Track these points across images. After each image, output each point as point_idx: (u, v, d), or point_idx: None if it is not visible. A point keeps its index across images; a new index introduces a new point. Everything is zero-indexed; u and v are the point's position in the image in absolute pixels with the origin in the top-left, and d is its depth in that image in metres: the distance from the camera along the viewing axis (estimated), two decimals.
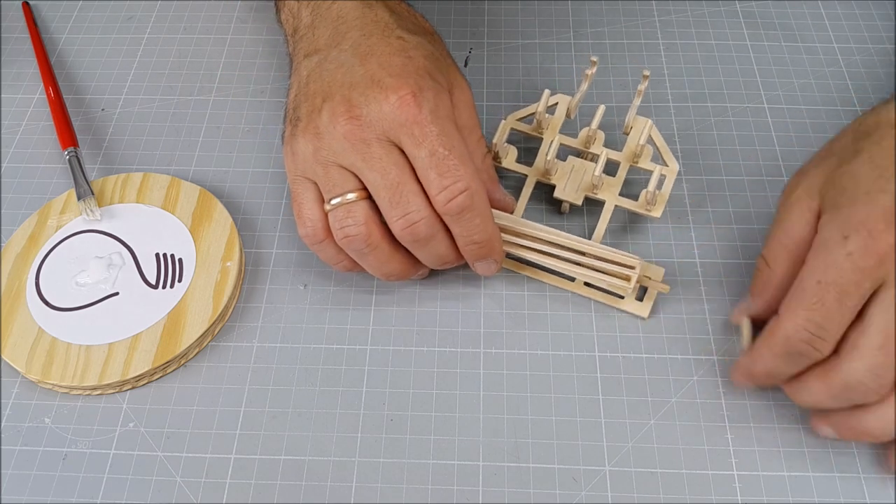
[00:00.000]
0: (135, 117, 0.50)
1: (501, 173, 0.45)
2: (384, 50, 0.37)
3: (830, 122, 0.48)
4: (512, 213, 0.42)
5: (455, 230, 0.37)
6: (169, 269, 0.42)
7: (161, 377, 0.40)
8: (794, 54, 0.52)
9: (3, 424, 0.38)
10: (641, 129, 0.42)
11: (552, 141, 0.42)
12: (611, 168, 0.42)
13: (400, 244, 0.38)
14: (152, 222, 0.44)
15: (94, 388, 0.39)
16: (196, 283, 0.41)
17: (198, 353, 0.40)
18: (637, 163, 0.42)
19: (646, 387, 0.38)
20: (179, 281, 0.41)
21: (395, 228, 0.36)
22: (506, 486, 0.36)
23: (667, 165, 0.42)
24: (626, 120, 0.43)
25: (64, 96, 0.50)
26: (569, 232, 0.41)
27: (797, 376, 0.34)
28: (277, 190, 0.46)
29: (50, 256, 0.43)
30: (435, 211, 0.36)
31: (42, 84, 0.51)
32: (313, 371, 0.39)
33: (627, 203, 0.42)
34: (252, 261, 0.43)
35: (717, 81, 0.50)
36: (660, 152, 0.42)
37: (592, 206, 0.43)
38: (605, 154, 0.41)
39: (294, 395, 0.39)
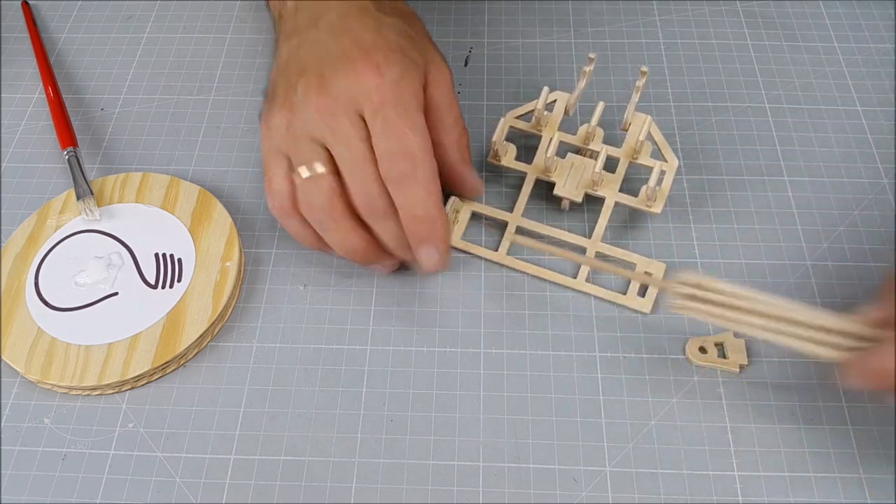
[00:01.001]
0: (134, 117, 0.50)
1: (501, 171, 0.45)
2: (358, 27, 0.38)
3: (831, 122, 0.48)
4: (481, 195, 0.44)
5: (398, 201, 0.37)
6: (168, 269, 0.42)
7: (160, 377, 0.39)
8: (795, 53, 0.51)
9: (2, 424, 0.38)
10: (641, 126, 0.42)
11: (551, 138, 0.42)
12: (610, 165, 0.42)
13: (364, 222, 0.38)
14: (152, 222, 0.44)
15: (94, 389, 0.39)
16: (195, 284, 0.41)
17: (197, 353, 0.40)
18: (636, 159, 0.42)
19: (646, 387, 0.38)
20: (179, 281, 0.41)
21: (355, 202, 0.37)
22: (506, 487, 0.36)
23: (666, 161, 0.42)
24: (625, 116, 0.43)
25: (63, 96, 0.50)
26: (569, 230, 0.41)
27: None
28: None
29: (49, 256, 0.42)
30: None
31: (41, 84, 0.51)
32: (313, 371, 0.39)
33: (627, 199, 0.42)
34: (252, 261, 0.43)
35: (718, 81, 0.50)
36: (659, 148, 0.42)
37: (592, 203, 0.43)
38: (604, 151, 0.41)
39: (294, 395, 0.39)
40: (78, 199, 0.44)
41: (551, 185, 0.43)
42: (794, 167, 0.46)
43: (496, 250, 0.42)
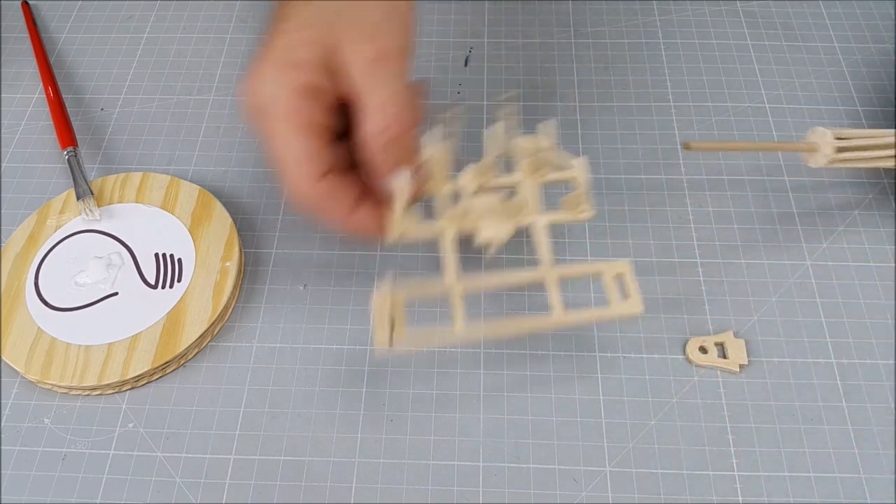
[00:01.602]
0: (134, 117, 0.50)
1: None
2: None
3: (831, 122, 0.48)
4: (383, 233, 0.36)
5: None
6: (168, 269, 0.42)
7: (160, 377, 0.39)
8: (795, 53, 0.51)
9: (2, 424, 0.38)
10: (532, 142, 0.38)
11: (445, 191, 0.37)
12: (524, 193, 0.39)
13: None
14: (152, 222, 0.44)
15: (94, 389, 0.39)
16: (195, 284, 0.41)
17: (197, 353, 0.40)
18: (544, 176, 0.39)
19: (646, 387, 0.38)
20: (179, 281, 0.41)
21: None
22: (506, 487, 0.36)
23: (573, 166, 0.38)
24: (514, 144, 0.38)
25: (63, 96, 0.50)
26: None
27: None
28: (277, 190, 0.46)
29: (49, 256, 0.42)
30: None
31: (41, 83, 0.51)
32: (313, 371, 0.39)
33: (557, 216, 0.38)
34: (252, 261, 0.43)
35: (718, 81, 0.50)
36: (548, 152, 0.38)
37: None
38: (508, 178, 0.38)
39: (294, 395, 0.39)
40: (78, 199, 0.44)
41: (471, 237, 0.38)
42: (795, 167, 0.46)
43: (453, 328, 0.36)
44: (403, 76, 0.33)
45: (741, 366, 0.39)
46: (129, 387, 0.39)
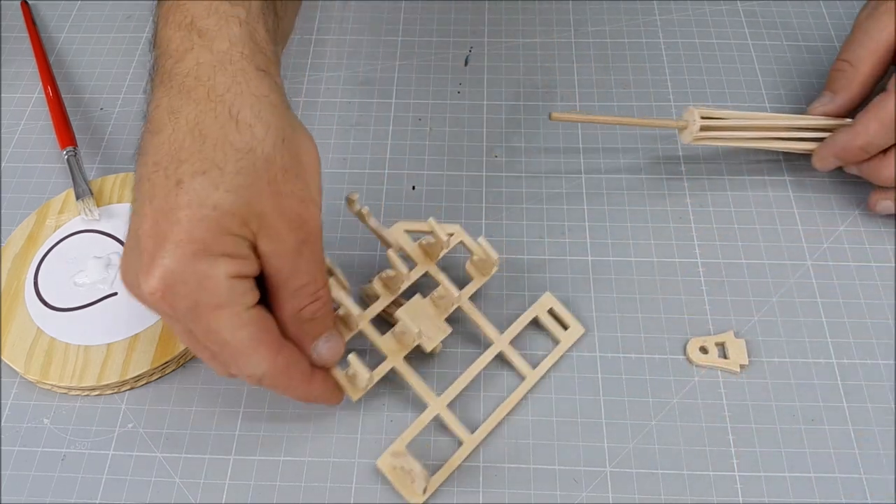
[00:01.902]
0: (134, 116, 0.50)
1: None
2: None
3: None
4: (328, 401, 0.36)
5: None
6: None
7: (160, 377, 0.39)
8: (796, 53, 0.51)
9: (2, 425, 0.38)
10: (393, 238, 0.39)
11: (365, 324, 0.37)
12: (427, 283, 0.39)
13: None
14: None
15: (93, 389, 0.39)
16: None
17: None
18: (438, 256, 0.39)
19: (647, 387, 0.38)
20: None
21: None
22: (506, 487, 0.36)
23: (451, 234, 0.39)
24: (387, 238, 0.39)
25: (62, 95, 0.50)
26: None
27: (881, 154, 0.40)
28: None
29: (48, 256, 0.42)
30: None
31: (41, 83, 0.51)
32: None
33: (474, 286, 0.39)
34: None
35: (719, 80, 0.50)
36: (436, 234, 0.38)
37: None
38: (413, 278, 0.38)
39: None
40: (77, 198, 0.44)
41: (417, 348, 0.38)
42: (795, 167, 0.46)
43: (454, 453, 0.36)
44: (322, 258, 0.34)
45: (742, 366, 0.39)
46: (129, 387, 0.39)
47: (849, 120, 0.42)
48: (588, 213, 0.44)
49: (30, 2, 0.57)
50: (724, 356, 0.39)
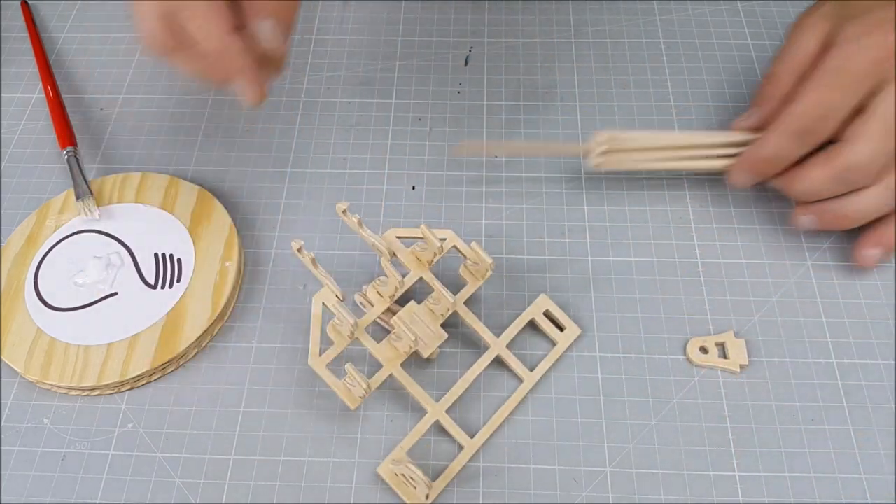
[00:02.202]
0: (134, 117, 0.50)
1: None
2: None
3: None
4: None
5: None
6: (168, 270, 0.42)
7: (160, 378, 0.39)
8: None
9: (2, 425, 0.38)
10: (386, 245, 0.38)
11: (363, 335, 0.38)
12: (422, 289, 0.39)
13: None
14: (151, 222, 0.44)
15: (93, 389, 0.39)
16: (195, 284, 0.41)
17: (197, 353, 0.40)
18: (431, 263, 0.39)
19: (647, 387, 0.38)
20: (178, 281, 0.41)
21: None
22: (506, 487, 0.36)
23: (444, 239, 0.39)
24: (379, 246, 0.38)
25: (63, 95, 0.50)
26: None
27: (796, 165, 0.39)
28: (277, 190, 0.46)
29: (48, 256, 0.42)
30: None
31: (41, 83, 0.51)
32: (313, 371, 0.39)
33: (469, 290, 0.39)
34: (251, 261, 0.43)
35: (719, 81, 0.50)
36: (428, 240, 0.38)
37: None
38: (407, 285, 0.38)
39: (293, 395, 0.39)
40: (77, 198, 0.44)
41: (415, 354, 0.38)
42: None
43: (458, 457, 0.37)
44: None
45: (742, 366, 0.39)
46: (129, 387, 0.39)
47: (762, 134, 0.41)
48: (588, 213, 0.44)
49: (30, 2, 0.57)
50: (724, 356, 0.39)
